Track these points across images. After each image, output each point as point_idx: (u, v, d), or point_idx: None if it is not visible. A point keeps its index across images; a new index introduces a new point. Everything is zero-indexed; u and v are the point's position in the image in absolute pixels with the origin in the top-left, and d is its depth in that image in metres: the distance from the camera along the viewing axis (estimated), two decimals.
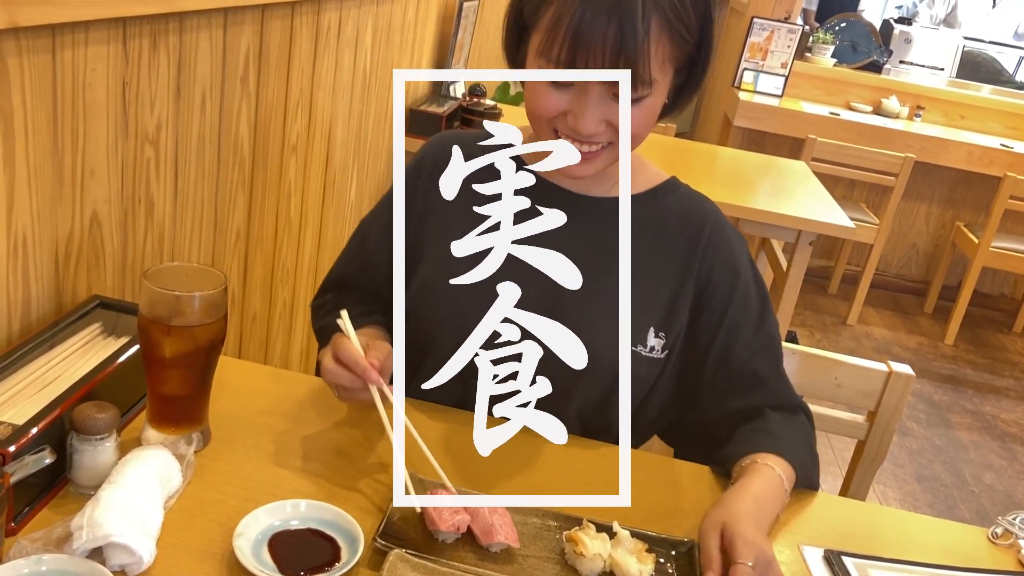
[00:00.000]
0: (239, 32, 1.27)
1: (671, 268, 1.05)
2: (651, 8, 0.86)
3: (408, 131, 2.39)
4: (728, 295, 1.05)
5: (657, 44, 0.88)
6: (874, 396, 1.40)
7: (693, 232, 1.06)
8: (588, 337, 0.99)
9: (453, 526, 0.80)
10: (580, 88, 0.90)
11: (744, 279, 1.06)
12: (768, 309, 1.08)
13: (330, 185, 1.85)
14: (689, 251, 1.05)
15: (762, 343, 1.06)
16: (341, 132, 1.85)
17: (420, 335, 1.04)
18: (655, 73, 0.89)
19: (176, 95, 1.13)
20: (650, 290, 1.04)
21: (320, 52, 1.62)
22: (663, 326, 1.05)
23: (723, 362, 1.05)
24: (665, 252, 1.05)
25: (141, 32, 1.02)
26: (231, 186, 1.35)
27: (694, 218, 1.07)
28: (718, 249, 1.06)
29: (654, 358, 1.04)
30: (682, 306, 1.05)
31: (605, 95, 0.90)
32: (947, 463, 2.96)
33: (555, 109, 0.92)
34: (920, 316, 4.28)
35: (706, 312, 1.05)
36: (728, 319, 1.05)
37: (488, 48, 3.43)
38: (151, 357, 0.86)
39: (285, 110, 1.51)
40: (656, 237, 1.05)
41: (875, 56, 4.63)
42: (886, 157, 3.73)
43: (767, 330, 1.07)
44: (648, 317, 1.04)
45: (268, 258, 1.57)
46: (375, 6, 1.90)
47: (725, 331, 1.05)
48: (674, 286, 1.05)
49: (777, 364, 1.07)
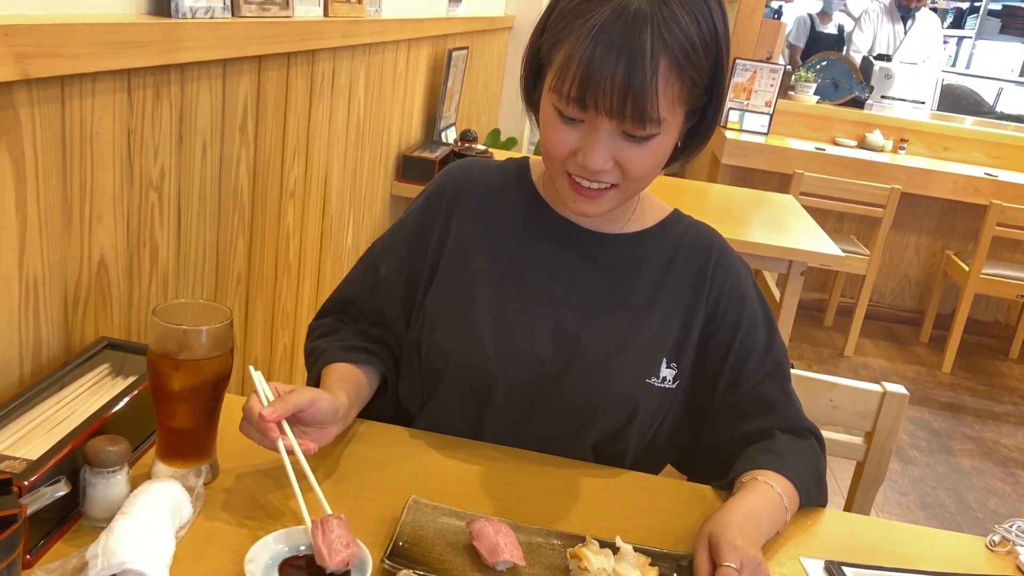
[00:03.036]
0: (237, 82, 1.31)
1: (681, 299, 1.07)
2: (661, 49, 0.88)
3: (402, 176, 2.44)
4: (736, 321, 1.07)
5: (666, 84, 0.89)
6: (870, 417, 1.42)
7: (701, 262, 1.08)
8: (605, 371, 1.03)
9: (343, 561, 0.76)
10: (590, 124, 0.92)
11: (751, 305, 1.09)
12: (775, 334, 1.10)
13: (327, 230, 1.89)
14: (698, 281, 1.08)
15: (770, 367, 1.08)
16: (337, 178, 1.90)
17: (433, 363, 1.07)
18: (663, 112, 0.90)
19: (178, 143, 1.17)
20: (662, 322, 1.06)
21: (315, 101, 1.67)
22: (675, 356, 1.07)
23: (732, 387, 1.07)
24: (675, 284, 1.08)
25: (145, 83, 1.06)
26: (232, 230, 1.38)
27: (701, 248, 1.09)
28: (725, 277, 1.08)
29: (667, 388, 1.06)
30: (692, 335, 1.07)
31: (615, 132, 0.92)
32: (950, 490, 2.96)
33: (566, 146, 0.95)
34: (916, 345, 4.30)
35: (715, 339, 1.07)
36: (736, 345, 1.07)
37: (478, 95, 3.51)
38: (160, 391, 0.88)
39: (283, 157, 1.55)
40: (666, 270, 1.08)
41: (857, 92, 4.73)
42: (873, 189, 3.79)
43: (774, 355, 1.09)
44: (661, 349, 1.06)
45: (268, 302, 1.60)
46: (367, 57, 1.96)
47: (734, 357, 1.07)
48: (684, 316, 1.07)
49: (785, 388, 1.09)
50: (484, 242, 1.07)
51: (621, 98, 0.88)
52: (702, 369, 1.08)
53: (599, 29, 0.87)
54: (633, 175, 0.95)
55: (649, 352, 1.05)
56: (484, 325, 1.04)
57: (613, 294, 1.06)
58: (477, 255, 1.07)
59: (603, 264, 1.07)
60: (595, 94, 0.88)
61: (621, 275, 1.07)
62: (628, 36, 0.87)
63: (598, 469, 1.05)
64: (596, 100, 0.88)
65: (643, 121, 0.89)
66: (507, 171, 1.12)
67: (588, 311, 1.06)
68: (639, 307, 1.06)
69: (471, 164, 1.15)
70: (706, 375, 1.08)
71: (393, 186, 2.44)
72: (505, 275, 1.06)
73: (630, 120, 0.89)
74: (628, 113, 0.89)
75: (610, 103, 0.88)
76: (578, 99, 0.90)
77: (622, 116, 0.89)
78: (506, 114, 4.13)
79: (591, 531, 0.88)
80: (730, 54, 1.02)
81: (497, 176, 1.12)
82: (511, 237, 1.08)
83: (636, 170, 0.95)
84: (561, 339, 1.04)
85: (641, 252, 1.08)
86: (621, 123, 0.90)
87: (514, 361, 1.03)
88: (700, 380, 1.08)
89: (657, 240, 1.09)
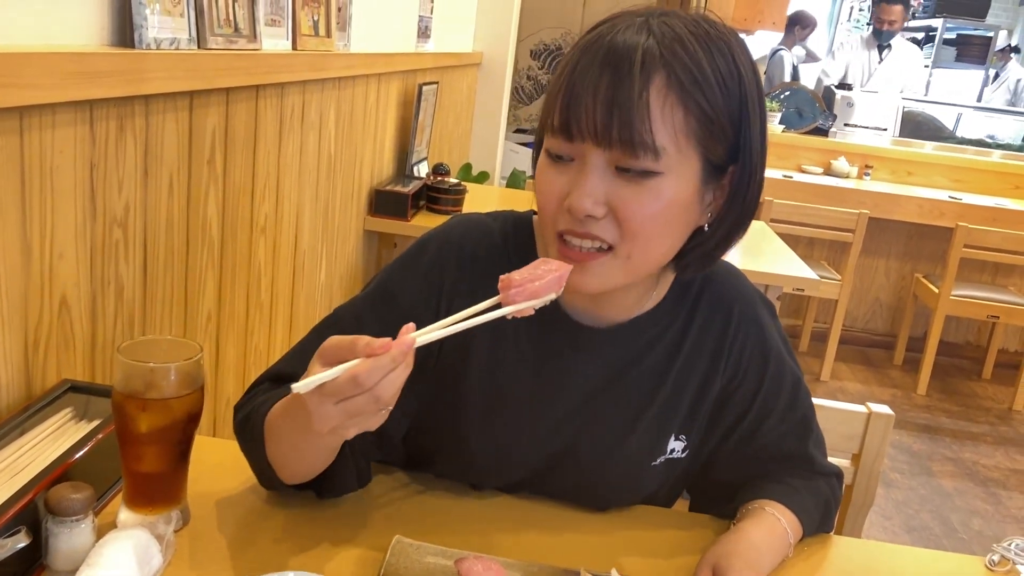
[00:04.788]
0: (204, 115, 1.28)
1: (697, 368, 0.96)
2: (655, 60, 0.76)
3: (374, 211, 2.41)
4: (758, 380, 0.98)
5: (663, 103, 0.77)
6: (856, 439, 1.40)
7: (722, 321, 0.97)
8: (602, 467, 0.96)
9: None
10: (580, 161, 0.80)
11: (776, 360, 0.99)
12: (801, 385, 1.01)
13: (300, 266, 1.85)
14: (717, 344, 0.97)
15: (793, 423, 1.00)
16: (309, 213, 1.86)
17: (416, 459, 1.01)
18: (662, 140, 0.77)
19: (143, 177, 1.13)
20: (672, 399, 0.96)
21: (285, 134, 1.64)
22: (685, 428, 0.98)
23: (749, 441, 0.99)
24: (691, 353, 0.96)
25: (108, 115, 1.03)
26: (201, 267, 1.34)
27: (722, 305, 0.97)
28: (748, 333, 0.97)
29: (675, 459, 0.98)
30: (707, 401, 0.98)
31: (607, 167, 0.79)
32: (934, 512, 2.95)
33: (555, 194, 0.82)
34: (891, 368, 4.32)
35: (733, 399, 0.98)
36: (758, 403, 0.98)
37: (449, 130, 3.51)
38: (126, 434, 0.83)
39: (253, 191, 1.52)
40: (680, 341, 0.96)
41: (820, 121, 4.80)
42: (842, 214, 3.84)
43: (799, 409, 1.00)
44: (668, 427, 0.97)
45: (240, 340, 1.56)
46: (337, 90, 1.94)
47: (754, 414, 0.98)
48: (700, 385, 0.97)
49: (807, 440, 1.01)
50: (482, 341, 0.93)
51: (606, 115, 0.76)
52: (717, 423, 0.99)
53: (587, 44, 0.80)
54: (631, 228, 0.79)
55: (654, 436, 0.96)
56: (477, 440, 0.95)
57: (616, 388, 0.95)
58: (475, 354, 0.94)
59: (609, 362, 0.95)
60: (578, 114, 0.78)
61: (628, 366, 0.95)
62: (617, 47, 0.78)
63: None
64: (579, 122, 0.78)
65: (633, 147, 0.76)
66: (509, 250, 0.94)
67: (586, 409, 0.95)
68: (645, 392, 0.95)
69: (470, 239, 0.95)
70: (720, 427, 0.99)
71: (366, 221, 2.41)
72: (502, 380, 0.94)
73: (618, 145, 0.77)
74: (616, 135, 0.76)
75: (594, 123, 0.77)
76: (562, 125, 0.79)
77: (609, 140, 0.77)
78: (477, 149, 4.13)
79: (586, 564, 0.84)
80: (764, 113, 0.85)
81: (499, 254, 0.94)
82: (511, 340, 0.93)
83: (633, 218, 0.79)
84: (556, 443, 0.96)
85: (653, 333, 0.95)
86: (610, 150, 0.78)
87: (507, 466, 0.97)
88: (712, 433, 1.00)
89: (672, 312, 0.96)
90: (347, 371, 0.67)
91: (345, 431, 0.70)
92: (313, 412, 0.69)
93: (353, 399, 0.67)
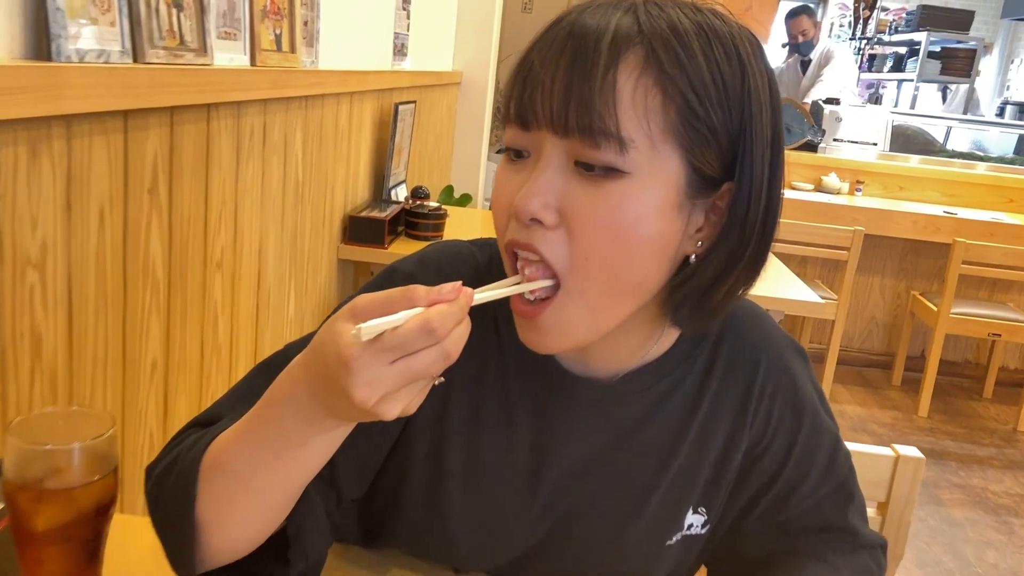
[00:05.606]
0: (143, 137, 1.13)
1: (718, 431, 0.81)
2: (630, 35, 0.62)
3: (349, 239, 2.25)
4: (790, 440, 0.82)
5: (635, 85, 0.62)
6: (883, 486, 1.25)
7: (746, 374, 0.81)
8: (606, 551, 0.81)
9: None
10: (536, 155, 0.66)
11: (811, 415, 0.83)
12: (839, 445, 0.86)
13: (264, 302, 1.69)
14: (741, 402, 0.81)
15: (832, 489, 0.84)
16: (274, 244, 1.70)
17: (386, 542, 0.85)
18: (628, 128, 0.61)
19: (66, 211, 0.97)
20: (688, 469, 0.81)
21: (244, 158, 1.48)
22: (704, 500, 0.82)
23: (780, 510, 0.84)
24: (709, 414, 0.80)
25: (16, 139, 0.87)
26: (143, 311, 1.18)
27: (747, 351, 0.81)
28: (777, 388, 0.82)
29: (693, 535, 0.83)
30: (730, 469, 0.82)
31: (566, 164, 0.64)
32: (946, 545, 2.80)
33: (507, 195, 0.67)
34: (889, 389, 4.19)
35: (763, 461, 0.83)
36: (790, 467, 0.82)
37: (429, 152, 3.36)
38: (22, 532, 0.67)
39: (206, 222, 1.36)
40: (697, 400, 0.80)
41: (810, 136, 4.70)
42: (836, 232, 3.71)
43: (838, 472, 0.85)
44: (685, 501, 0.81)
45: (194, 390, 1.39)
46: (303, 111, 1.79)
47: (785, 479, 0.83)
48: (721, 450, 0.81)
49: (847, 508, 0.85)
50: (459, 395, 0.78)
51: (564, 93, 0.62)
52: (740, 492, 0.84)
53: (554, 22, 0.66)
54: (582, 245, 0.63)
55: (669, 510, 0.81)
56: (458, 517, 0.79)
57: (621, 454, 0.79)
58: (453, 410, 0.78)
59: (610, 421, 0.79)
60: (534, 97, 0.63)
61: (635, 427, 0.79)
62: (586, 22, 0.63)
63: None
64: (535, 103, 0.63)
65: (592, 134, 0.61)
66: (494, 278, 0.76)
67: (586, 480, 0.79)
68: (656, 459, 0.80)
69: (448, 263, 0.80)
70: (744, 497, 0.84)
71: (340, 249, 2.25)
72: (485, 444, 0.78)
73: (577, 133, 0.62)
74: (574, 120, 0.62)
75: (550, 103, 0.62)
76: (518, 111, 0.65)
77: (565, 125, 0.62)
78: (459, 170, 3.99)
79: None
80: (779, 131, 0.68)
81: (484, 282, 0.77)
82: (494, 395, 0.78)
83: (585, 229, 0.63)
84: (552, 520, 0.80)
85: (663, 387, 0.79)
86: (567, 139, 0.63)
87: (493, 550, 0.81)
88: (736, 501, 0.84)
89: (686, 361, 0.79)
90: (415, 317, 0.53)
91: (394, 405, 0.54)
92: (356, 377, 0.52)
93: (418, 354, 0.53)
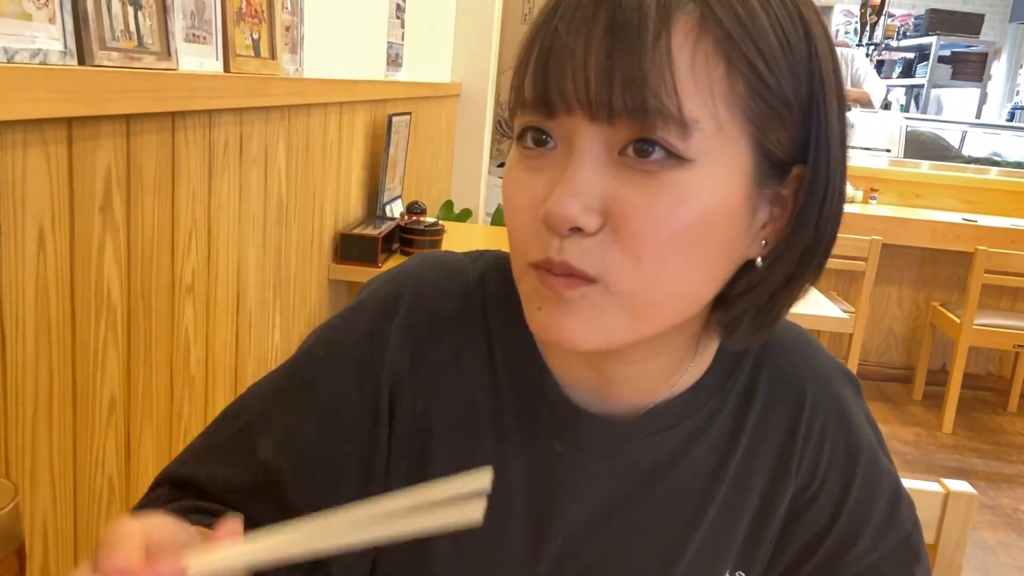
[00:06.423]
0: (92, 148, 1.00)
1: (758, 478, 0.68)
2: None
3: (340, 258, 2.13)
4: (843, 487, 0.69)
5: (694, 52, 0.49)
6: (932, 525, 1.11)
7: (790, 410, 0.68)
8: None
9: None
10: (565, 147, 0.52)
11: (868, 457, 0.70)
12: (902, 492, 0.73)
13: (244, 327, 1.56)
14: (784, 443, 0.68)
15: (894, 544, 0.71)
16: (254, 265, 1.58)
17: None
18: (692, 106, 0.48)
19: None
20: (726, 518, 0.68)
21: (217, 172, 1.36)
22: (743, 561, 0.69)
23: (832, 569, 0.70)
24: (748, 458, 0.67)
25: None
26: (96, 343, 1.05)
27: (792, 383, 0.68)
28: (828, 422, 0.69)
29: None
30: (775, 518, 0.69)
31: (607, 157, 0.50)
32: (980, 570, 2.65)
33: (529, 204, 0.53)
34: (910, 404, 4.04)
35: (810, 511, 0.70)
36: (844, 519, 0.69)
37: (427, 166, 3.24)
38: None
39: (173, 243, 1.23)
40: (733, 441, 0.67)
41: None
42: (854, 242, 3.57)
43: (901, 524, 0.71)
44: (724, 555, 0.69)
45: (163, 427, 1.26)
46: (286, 122, 1.67)
47: (838, 533, 0.69)
48: (762, 501, 0.69)
49: (914, 568, 0.72)
50: (445, 437, 0.65)
51: (604, 66, 0.48)
52: (785, 548, 0.71)
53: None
54: (635, 246, 0.50)
55: (704, 571, 0.68)
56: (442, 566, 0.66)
57: (644, 504, 0.66)
58: (438, 457, 0.65)
59: (631, 465, 0.66)
60: (561, 72, 0.50)
61: (661, 473, 0.66)
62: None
63: None
64: (563, 81, 0.49)
65: (647, 116, 0.48)
66: (488, 303, 0.65)
67: (602, 535, 0.67)
68: (687, 509, 0.67)
69: (429, 286, 0.66)
70: (790, 554, 0.71)
71: (331, 269, 2.12)
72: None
73: (624, 116, 0.49)
74: (620, 100, 0.48)
75: (584, 81, 0.49)
76: (539, 93, 0.51)
77: (609, 108, 0.49)
78: (460, 185, 3.86)
79: None
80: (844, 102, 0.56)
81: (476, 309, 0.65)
82: (489, 435, 0.65)
83: (642, 231, 0.50)
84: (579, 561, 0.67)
85: (694, 425, 0.66)
86: (610, 126, 0.49)
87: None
88: (780, 559, 0.71)
89: (720, 394, 0.66)
90: None
91: None
92: None
93: None
